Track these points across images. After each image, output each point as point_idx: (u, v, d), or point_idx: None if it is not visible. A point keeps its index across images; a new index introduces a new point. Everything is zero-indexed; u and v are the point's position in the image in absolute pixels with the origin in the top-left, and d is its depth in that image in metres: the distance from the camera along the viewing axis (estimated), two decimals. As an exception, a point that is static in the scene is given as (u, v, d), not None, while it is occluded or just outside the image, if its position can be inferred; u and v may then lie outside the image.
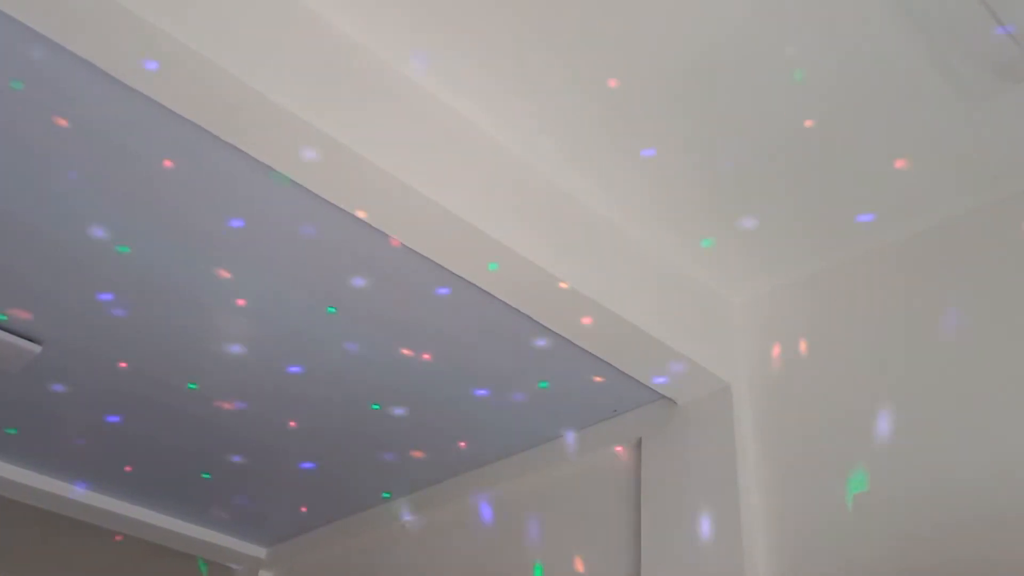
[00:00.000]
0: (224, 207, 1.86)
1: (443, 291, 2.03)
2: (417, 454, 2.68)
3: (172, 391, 2.47)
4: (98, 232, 1.94)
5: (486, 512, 2.66)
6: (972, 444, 1.77)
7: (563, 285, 1.91)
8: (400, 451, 2.68)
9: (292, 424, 2.59)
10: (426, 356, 2.26)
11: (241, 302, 2.13)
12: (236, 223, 1.89)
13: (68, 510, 3.01)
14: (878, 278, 2.07)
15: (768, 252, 2.17)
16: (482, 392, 2.37)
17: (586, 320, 2.01)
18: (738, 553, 1.93)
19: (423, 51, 1.76)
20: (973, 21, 1.54)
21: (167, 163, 1.76)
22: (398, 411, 2.49)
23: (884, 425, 1.90)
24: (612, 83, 1.79)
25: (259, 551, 3.35)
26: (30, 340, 2.27)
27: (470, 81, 1.82)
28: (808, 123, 1.84)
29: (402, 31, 1.73)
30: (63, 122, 1.68)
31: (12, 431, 2.60)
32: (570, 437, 2.49)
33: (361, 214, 1.78)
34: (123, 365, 2.36)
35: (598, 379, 2.24)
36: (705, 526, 2.02)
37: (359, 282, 2.03)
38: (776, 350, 2.18)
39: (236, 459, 2.79)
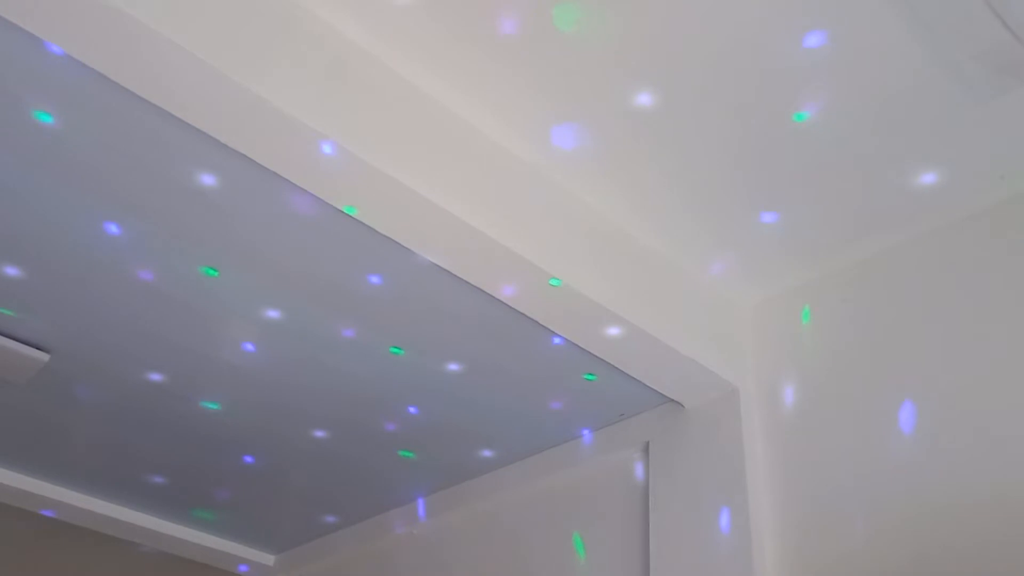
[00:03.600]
0: (232, 215, 1.86)
1: (451, 296, 2.02)
2: (424, 460, 2.68)
3: (180, 399, 2.47)
4: (107, 240, 1.94)
5: (493, 519, 2.66)
6: (982, 447, 1.76)
7: (570, 288, 1.91)
8: (407, 458, 2.67)
9: (299, 431, 2.60)
10: (433, 362, 2.26)
11: (249, 311, 2.13)
12: (244, 230, 1.90)
13: (75, 518, 3.01)
14: (886, 281, 2.06)
15: (776, 255, 2.16)
16: (490, 397, 2.36)
17: (593, 324, 2.01)
18: (747, 557, 1.93)
19: (432, 56, 1.77)
20: (978, 21, 1.54)
21: (175, 172, 1.76)
22: (406, 417, 2.49)
23: (893, 428, 1.90)
24: (615, 83, 1.79)
25: (267, 558, 3.35)
26: (38, 348, 2.28)
27: (481, 85, 1.82)
28: (816, 126, 1.83)
29: (410, 36, 1.73)
30: (67, 130, 1.68)
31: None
32: (578, 441, 2.49)
33: (370, 221, 1.78)
34: (131, 373, 2.37)
35: (605, 383, 2.24)
36: (714, 530, 2.01)
37: (369, 289, 2.04)
38: (784, 353, 2.18)
39: (244, 467, 2.79)
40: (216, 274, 2.02)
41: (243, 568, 3.25)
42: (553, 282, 1.89)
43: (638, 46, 1.71)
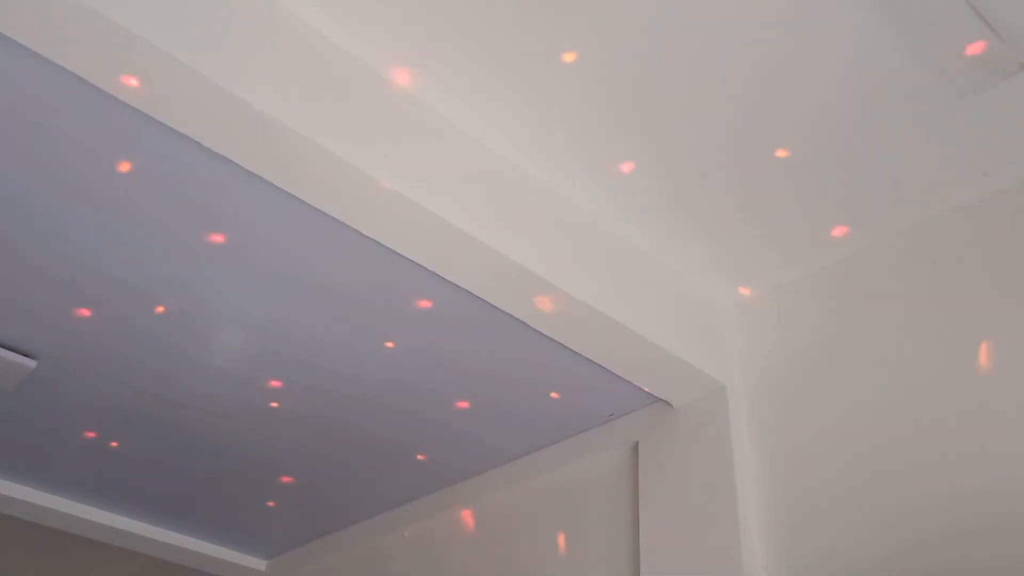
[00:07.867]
0: (215, 219, 1.86)
1: (433, 298, 2.02)
2: (414, 464, 2.67)
3: (168, 404, 2.46)
4: (92, 246, 1.94)
5: (484, 520, 2.66)
6: (967, 442, 1.76)
7: (556, 290, 1.91)
8: (397, 462, 2.67)
9: (290, 435, 2.59)
10: (420, 365, 2.25)
11: (234, 316, 2.13)
12: (227, 234, 1.89)
13: (65, 525, 3.00)
14: (871, 278, 2.07)
15: (762, 254, 2.17)
16: (479, 400, 2.36)
17: (581, 325, 2.01)
18: (736, 554, 1.93)
19: (410, 55, 1.77)
20: (957, 17, 1.55)
21: (156, 175, 1.75)
22: (394, 421, 2.48)
23: (880, 422, 1.90)
24: (604, 84, 1.80)
25: (259, 563, 3.34)
26: (25, 355, 2.27)
27: (459, 86, 1.82)
28: (798, 123, 1.84)
29: (391, 38, 1.74)
30: (45, 134, 1.67)
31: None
32: (568, 442, 2.49)
33: (346, 218, 1.78)
34: (119, 379, 2.36)
35: (594, 383, 2.24)
36: (703, 527, 2.02)
37: (351, 291, 2.03)
38: (771, 351, 2.18)
39: (234, 471, 2.78)
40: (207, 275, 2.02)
41: None
42: None
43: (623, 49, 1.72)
